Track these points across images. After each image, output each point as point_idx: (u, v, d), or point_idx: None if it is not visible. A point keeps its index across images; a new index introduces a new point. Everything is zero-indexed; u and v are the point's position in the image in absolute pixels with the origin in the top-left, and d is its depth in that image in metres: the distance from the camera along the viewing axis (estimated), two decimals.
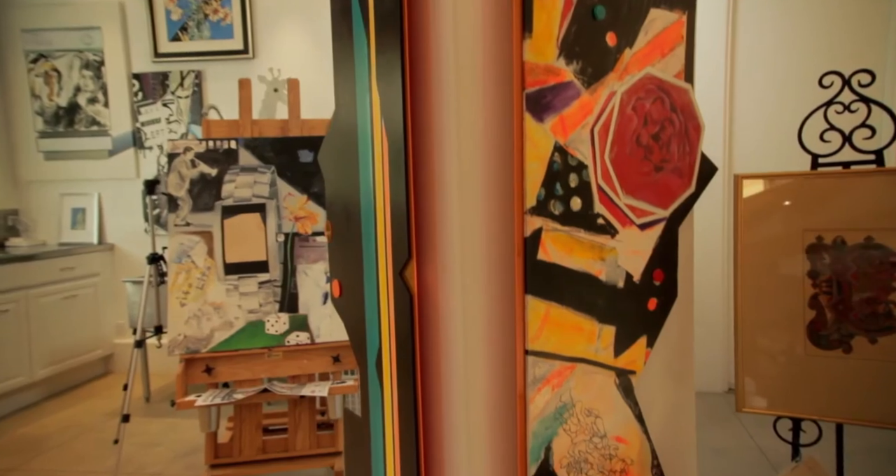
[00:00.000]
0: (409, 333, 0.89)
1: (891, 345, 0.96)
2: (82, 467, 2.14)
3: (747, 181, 1.06)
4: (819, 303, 1.01)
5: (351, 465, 1.14)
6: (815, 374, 1.01)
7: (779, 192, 1.04)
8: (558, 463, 0.91)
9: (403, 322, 0.90)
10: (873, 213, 0.97)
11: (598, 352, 0.95)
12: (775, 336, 1.04)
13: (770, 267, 1.05)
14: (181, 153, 2.05)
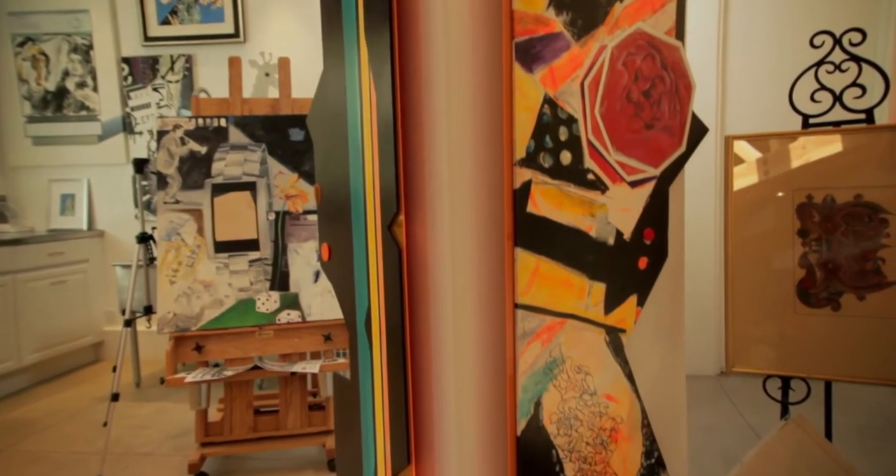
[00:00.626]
0: (398, 288, 0.88)
1: (879, 301, 0.96)
2: (72, 448, 2.12)
3: (738, 142, 1.05)
4: (808, 261, 1.01)
5: (341, 430, 1.13)
6: (805, 333, 1.01)
7: (769, 152, 1.04)
8: (548, 418, 0.91)
9: (392, 277, 0.90)
10: (863, 171, 0.97)
11: (589, 308, 0.95)
12: (765, 295, 1.04)
13: (760, 226, 1.05)
14: (170, 131, 2.03)
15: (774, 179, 1.04)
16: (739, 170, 1.07)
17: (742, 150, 1.06)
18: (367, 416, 1.02)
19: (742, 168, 1.07)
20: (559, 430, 0.92)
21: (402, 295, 0.88)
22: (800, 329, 1.01)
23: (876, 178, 0.96)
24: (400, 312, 0.89)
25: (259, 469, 1.91)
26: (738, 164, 1.06)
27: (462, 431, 0.87)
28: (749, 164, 1.07)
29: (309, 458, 1.99)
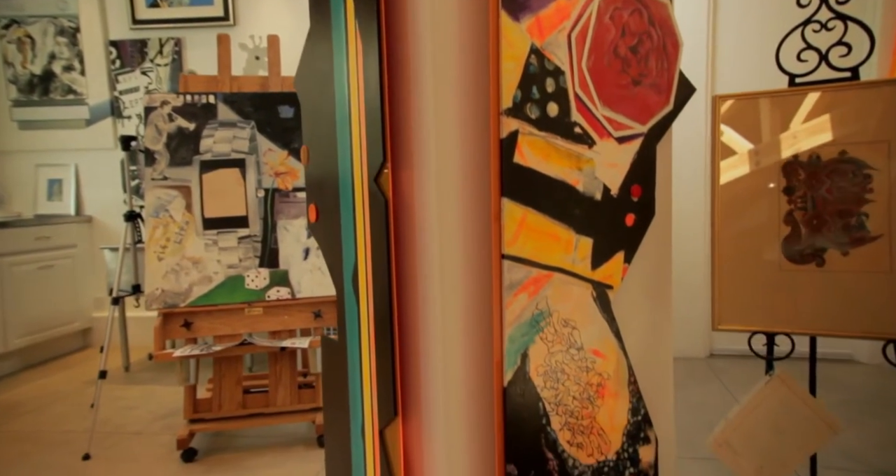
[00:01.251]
0: (385, 239, 0.88)
1: (862, 256, 0.97)
2: (60, 428, 2.10)
3: (724, 101, 1.06)
4: (794, 218, 1.02)
5: (329, 392, 1.13)
6: (789, 289, 1.02)
7: (755, 112, 1.04)
8: (535, 371, 0.91)
9: (378, 228, 0.89)
10: (848, 128, 0.98)
11: (576, 263, 0.95)
12: (751, 253, 1.05)
13: (746, 185, 1.06)
14: (158, 107, 2.01)
15: (760, 138, 1.05)
16: (725, 129, 1.08)
17: (728, 108, 1.06)
18: (354, 373, 1.02)
19: (728, 126, 1.07)
20: (546, 383, 0.92)
21: (389, 246, 0.88)
22: (784, 285, 1.02)
23: (860, 135, 0.96)
24: (387, 264, 0.88)
25: (248, 446, 1.90)
26: (724, 122, 1.07)
27: (448, 382, 0.87)
28: (735, 123, 1.07)
29: (299, 435, 1.98)
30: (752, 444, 1.01)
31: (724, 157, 1.08)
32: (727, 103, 1.05)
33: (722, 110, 1.06)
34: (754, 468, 1.01)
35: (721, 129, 1.08)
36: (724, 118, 1.05)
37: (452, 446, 0.87)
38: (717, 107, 1.07)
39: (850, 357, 2.66)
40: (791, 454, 1.01)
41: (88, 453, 1.84)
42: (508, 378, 0.88)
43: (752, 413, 1.02)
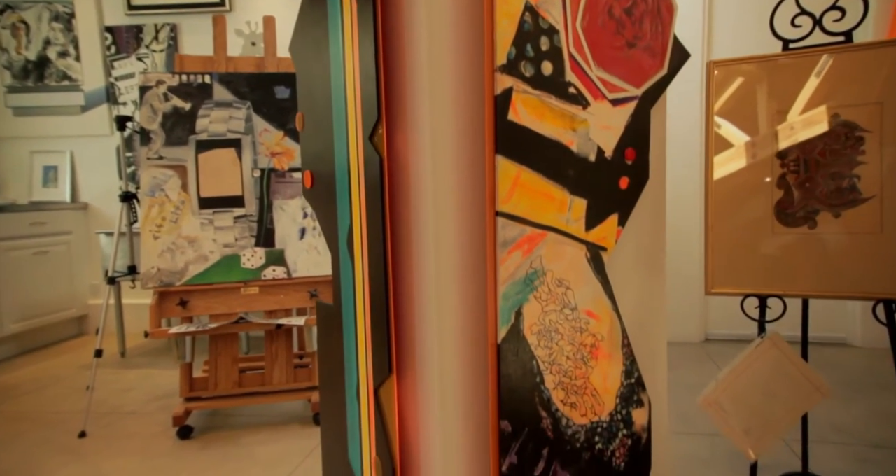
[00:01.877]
0: (380, 198, 0.88)
1: (853, 217, 0.97)
2: (56, 409, 2.10)
3: (718, 66, 1.06)
4: (787, 182, 1.02)
5: (324, 357, 1.13)
6: (782, 252, 1.03)
7: (749, 76, 1.05)
8: (529, 329, 0.92)
9: (373, 186, 0.90)
10: (841, 91, 0.98)
11: (570, 223, 0.96)
12: (744, 217, 1.05)
13: (740, 149, 1.06)
14: (153, 86, 2.00)
15: (754, 102, 1.05)
16: (720, 95, 1.08)
17: (723, 74, 1.07)
18: (349, 335, 1.02)
19: (723, 92, 1.08)
20: (539, 342, 0.93)
21: (384, 205, 0.88)
22: (777, 248, 1.02)
23: (854, 97, 0.97)
24: (381, 223, 0.89)
25: (244, 424, 1.91)
26: (718, 88, 1.07)
27: (443, 339, 0.87)
28: (730, 89, 1.08)
29: (294, 414, 1.99)
30: (742, 405, 1.02)
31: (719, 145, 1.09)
32: (721, 69, 1.06)
33: (716, 76, 1.06)
34: (743, 429, 1.02)
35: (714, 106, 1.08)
36: (717, 85, 1.06)
37: (447, 403, 0.88)
38: (712, 73, 1.07)
39: (844, 341, 2.68)
40: (780, 416, 1.02)
41: (84, 431, 1.84)
42: (502, 335, 0.89)
43: (742, 374, 1.02)
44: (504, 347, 0.89)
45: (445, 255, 0.87)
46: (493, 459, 0.89)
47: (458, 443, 0.89)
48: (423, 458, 0.91)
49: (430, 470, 0.90)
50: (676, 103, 2.76)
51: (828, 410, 1.82)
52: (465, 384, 0.90)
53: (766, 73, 1.03)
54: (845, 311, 2.68)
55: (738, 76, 1.05)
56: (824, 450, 1.54)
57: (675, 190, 2.78)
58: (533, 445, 0.92)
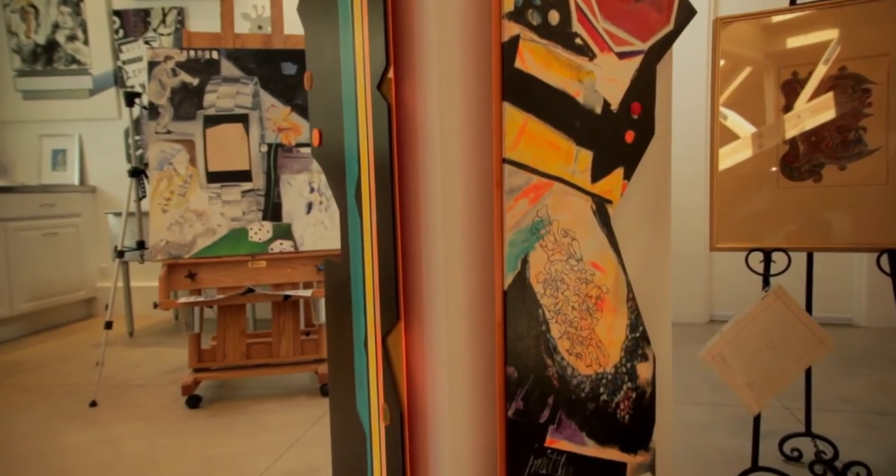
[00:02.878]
0: (388, 146, 0.89)
1: (859, 169, 0.98)
2: (66, 381, 2.13)
3: (724, 24, 1.06)
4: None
5: (332, 314, 1.15)
6: (787, 206, 1.03)
7: (755, 31, 1.05)
8: (535, 277, 0.93)
9: (381, 135, 0.91)
10: (847, 44, 0.99)
11: (576, 174, 0.96)
12: (749, 172, 1.06)
13: (747, 106, 1.07)
14: (161, 61, 2.02)
15: (760, 58, 1.05)
16: (726, 54, 1.09)
17: (728, 32, 1.07)
18: (357, 288, 1.03)
19: (728, 52, 1.08)
20: (546, 291, 0.94)
21: (392, 152, 0.89)
22: (782, 203, 1.03)
23: (860, 49, 0.97)
24: (389, 171, 0.90)
25: (252, 396, 1.93)
26: (724, 44, 1.08)
27: (450, 286, 0.89)
28: (735, 46, 1.08)
29: (302, 386, 2.01)
30: (745, 358, 1.03)
31: (724, 84, 1.09)
32: (726, 26, 1.06)
33: (722, 33, 1.06)
34: (746, 382, 1.03)
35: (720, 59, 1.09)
36: (724, 42, 1.06)
37: (454, 349, 0.89)
38: (719, 30, 1.08)
39: (850, 321, 2.68)
40: (783, 369, 1.02)
41: (95, 401, 1.86)
42: (509, 282, 0.90)
43: (746, 327, 1.03)
44: (510, 294, 0.90)
45: (452, 203, 0.88)
46: (500, 404, 0.90)
47: (465, 388, 0.91)
48: (430, 404, 0.93)
49: (437, 415, 0.91)
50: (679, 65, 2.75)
51: (832, 382, 1.83)
52: (471, 330, 0.91)
53: (771, 27, 1.04)
54: (851, 292, 2.67)
55: (741, 32, 1.06)
56: (828, 417, 1.55)
57: (679, 168, 2.78)
58: (539, 393, 0.94)
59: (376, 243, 0.95)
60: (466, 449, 0.91)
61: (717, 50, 1.07)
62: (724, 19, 1.07)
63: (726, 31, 1.06)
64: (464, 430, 0.91)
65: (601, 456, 1.02)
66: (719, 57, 1.08)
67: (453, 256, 0.89)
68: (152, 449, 1.50)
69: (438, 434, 0.91)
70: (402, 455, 0.91)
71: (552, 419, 0.96)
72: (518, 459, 0.91)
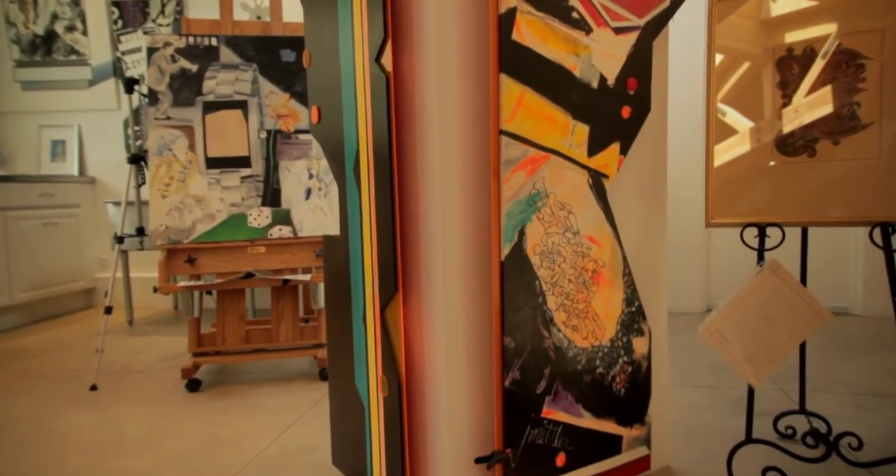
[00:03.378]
0: (386, 117, 0.90)
1: (853, 144, 0.99)
2: (66, 367, 2.14)
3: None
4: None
5: (331, 287, 1.16)
6: (781, 181, 1.04)
7: (749, 8, 1.06)
8: (531, 249, 0.94)
9: (380, 108, 0.91)
10: (842, 20, 0.99)
11: (572, 148, 0.97)
12: (745, 148, 1.07)
13: (742, 85, 1.08)
14: (161, 48, 2.02)
15: (755, 36, 1.06)
16: (721, 29, 1.09)
17: (723, 7, 1.08)
18: (356, 262, 1.04)
19: (723, 27, 1.09)
20: (542, 263, 0.95)
21: (390, 123, 0.90)
22: (776, 178, 1.04)
23: (855, 25, 0.98)
24: (388, 141, 0.91)
25: (251, 380, 1.94)
26: (720, 18, 1.08)
27: (448, 257, 0.90)
28: (730, 22, 1.09)
29: (301, 371, 2.02)
30: (743, 333, 1.04)
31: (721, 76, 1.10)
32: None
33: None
34: (745, 356, 1.04)
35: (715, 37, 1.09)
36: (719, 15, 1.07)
37: (451, 319, 0.90)
38: (713, 5, 1.09)
39: (846, 310, 2.69)
40: (781, 343, 1.03)
41: (95, 385, 1.87)
42: (506, 253, 0.91)
43: (743, 303, 1.04)
44: (507, 265, 0.91)
45: (450, 174, 0.89)
46: (497, 374, 0.91)
47: (463, 358, 0.92)
48: (428, 375, 0.94)
49: (435, 386, 0.92)
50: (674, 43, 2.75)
51: (828, 366, 1.84)
52: (469, 301, 0.92)
53: (766, 5, 1.04)
54: (847, 281, 2.69)
55: (736, 9, 1.07)
56: (822, 397, 1.56)
57: (678, 161, 2.79)
58: (535, 363, 0.95)
59: (375, 216, 0.96)
60: (464, 419, 0.92)
61: (713, 26, 1.08)
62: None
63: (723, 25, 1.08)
64: (461, 400, 0.92)
65: (597, 428, 1.03)
66: (714, 34, 1.09)
67: (451, 227, 0.90)
68: (153, 429, 1.51)
69: (436, 404, 0.92)
70: (401, 425, 0.93)
71: (549, 390, 0.97)
72: (515, 429, 0.93)
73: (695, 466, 1.19)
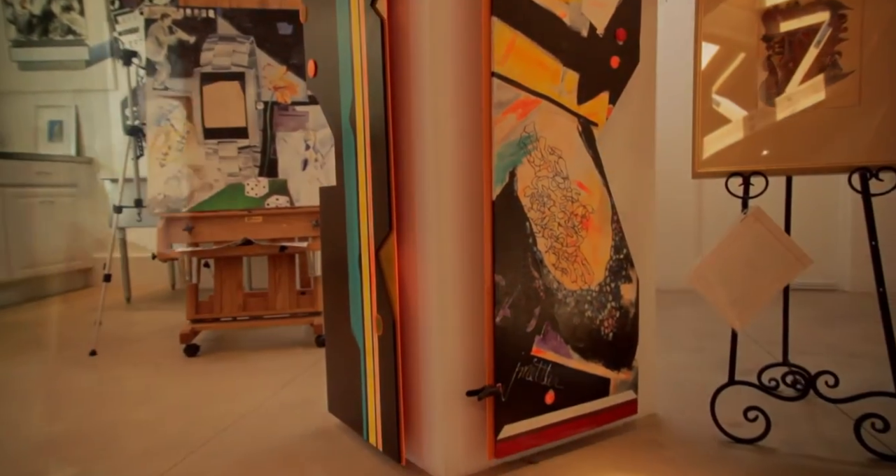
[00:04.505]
0: (381, 60, 0.93)
1: (834, 92, 1.02)
2: (65, 337, 2.16)
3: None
4: (772, 63, 1.07)
5: (327, 238, 1.19)
6: (765, 130, 1.07)
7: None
8: (522, 191, 0.96)
9: (375, 51, 0.94)
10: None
11: (562, 94, 1.00)
12: (731, 99, 1.10)
13: (729, 37, 1.11)
14: (158, 19, 2.04)
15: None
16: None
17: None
18: (351, 209, 1.07)
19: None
20: (532, 205, 0.98)
21: (385, 65, 0.92)
22: (761, 128, 1.07)
23: None
24: (383, 84, 0.93)
25: (249, 347, 1.96)
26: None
27: (441, 197, 0.92)
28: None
29: (297, 339, 2.05)
30: (728, 278, 1.07)
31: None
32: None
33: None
34: (729, 300, 1.07)
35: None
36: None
37: (444, 258, 0.93)
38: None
39: (835, 286, 2.73)
40: (764, 287, 1.07)
41: (94, 350, 1.90)
42: (497, 193, 0.93)
43: (727, 249, 1.07)
44: (499, 205, 0.94)
45: (443, 115, 0.92)
46: (488, 310, 0.94)
47: (455, 295, 0.94)
48: (421, 312, 0.97)
49: (428, 323, 0.95)
50: None
51: (810, 334, 1.88)
52: (461, 240, 0.95)
53: None
54: (835, 257, 2.73)
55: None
56: (805, 357, 1.60)
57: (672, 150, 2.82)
58: (525, 302, 0.98)
59: (370, 159, 0.98)
60: (456, 354, 0.95)
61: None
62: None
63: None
64: (454, 337, 0.95)
65: (586, 369, 1.06)
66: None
67: (444, 167, 0.92)
68: (153, 386, 1.54)
69: (429, 341, 0.95)
70: (395, 362, 0.95)
71: (539, 330, 1.00)
72: (506, 365, 0.96)
73: (680, 414, 1.22)
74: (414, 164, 0.95)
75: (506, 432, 0.96)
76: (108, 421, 1.31)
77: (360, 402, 1.09)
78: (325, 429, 1.21)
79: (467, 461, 0.97)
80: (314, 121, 2.11)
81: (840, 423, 1.14)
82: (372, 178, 0.99)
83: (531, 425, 0.99)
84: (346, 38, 1.03)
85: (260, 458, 1.08)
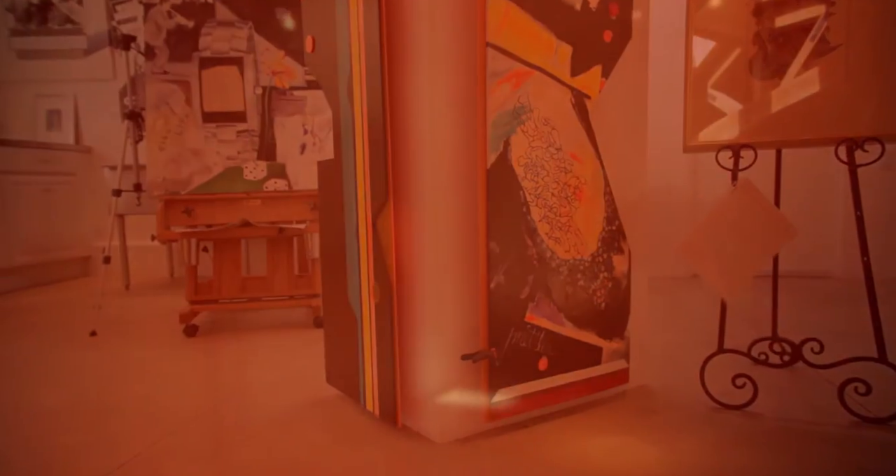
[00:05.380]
0: (378, 31, 0.95)
1: (822, 66, 1.04)
2: (66, 320, 2.18)
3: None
4: (760, 38, 1.09)
5: (325, 210, 1.21)
6: (755, 105, 1.09)
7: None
8: (516, 160, 0.99)
9: (372, 21, 0.96)
10: None
11: (556, 66, 1.02)
12: (721, 72, 1.12)
13: (718, 18, 1.13)
14: (157, 3, 2.05)
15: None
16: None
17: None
18: (349, 180, 1.09)
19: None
20: (526, 174, 1.00)
21: (382, 36, 0.94)
22: (750, 102, 1.09)
23: None
24: (379, 54, 0.95)
25: (247, 328, 1.99)
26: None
27: (436, 165, 0.94)
28: None
29: (296, 321, 2.07)
30: (717, 249, 1.09)
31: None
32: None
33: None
34: (718, 270, 1.10)
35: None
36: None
37: (439, 225, 0.95)
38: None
39: (828, 274, 2.76)
40: (752, 257, 1.09)
41: (95, 331, 1.92)
42: (491, 161, 0.96)
43: (716, 220, 1.10)
44: (493, 173, 0.96)
45: (440, 84, 0.94)
46: (483, 276, 0.97)
47: (450, 262, 0.97)
48: (417, 278, 0.99)
49: (423, 289, 0.97)
50: None
51: (799, 316, 1.91)
52: (456, 208, 0.97)
53: None
54: (827, 245, 2.76)
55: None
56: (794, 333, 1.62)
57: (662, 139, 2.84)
58: (519, 270, 1.00)
59: (366, 130, 1.00)
60: (451, 320, 0.97)
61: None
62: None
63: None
64: (449, 302, 0.97)
65: (578, 337, 1.09)
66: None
67: (440, 136, 0.94)
68: (153, 361, 1.56)
69: (425, 307, 0.97)
70: (391, 329, 0.98)
71: (532, 297, 1.02)
72: (500, 330, 0.98)
73: (671, 384, 1.25)
74: (410, 134, 0.97)
75: (500, 396, 0.99)
76: (108, 393, 1.33)
77: (358, 370, 1.11)
78: (324, 398, 1.24)
79: (462, 425, 1.00)
80: (312, 105, 2.13)
81: (825, 390, 1.17)
82: (369, 148, 1.01)
83: (524, 390, 1.02)
84: (344, 12, 1.05)
85: (259, 425, 1.10)
